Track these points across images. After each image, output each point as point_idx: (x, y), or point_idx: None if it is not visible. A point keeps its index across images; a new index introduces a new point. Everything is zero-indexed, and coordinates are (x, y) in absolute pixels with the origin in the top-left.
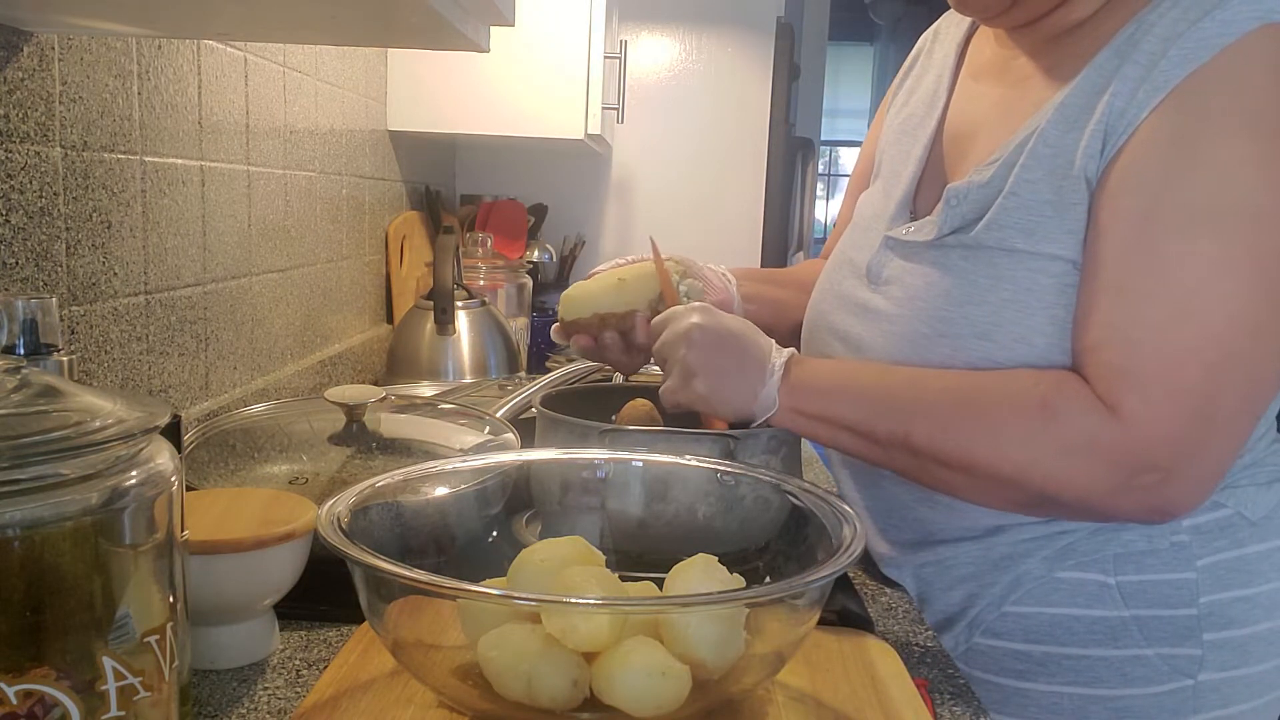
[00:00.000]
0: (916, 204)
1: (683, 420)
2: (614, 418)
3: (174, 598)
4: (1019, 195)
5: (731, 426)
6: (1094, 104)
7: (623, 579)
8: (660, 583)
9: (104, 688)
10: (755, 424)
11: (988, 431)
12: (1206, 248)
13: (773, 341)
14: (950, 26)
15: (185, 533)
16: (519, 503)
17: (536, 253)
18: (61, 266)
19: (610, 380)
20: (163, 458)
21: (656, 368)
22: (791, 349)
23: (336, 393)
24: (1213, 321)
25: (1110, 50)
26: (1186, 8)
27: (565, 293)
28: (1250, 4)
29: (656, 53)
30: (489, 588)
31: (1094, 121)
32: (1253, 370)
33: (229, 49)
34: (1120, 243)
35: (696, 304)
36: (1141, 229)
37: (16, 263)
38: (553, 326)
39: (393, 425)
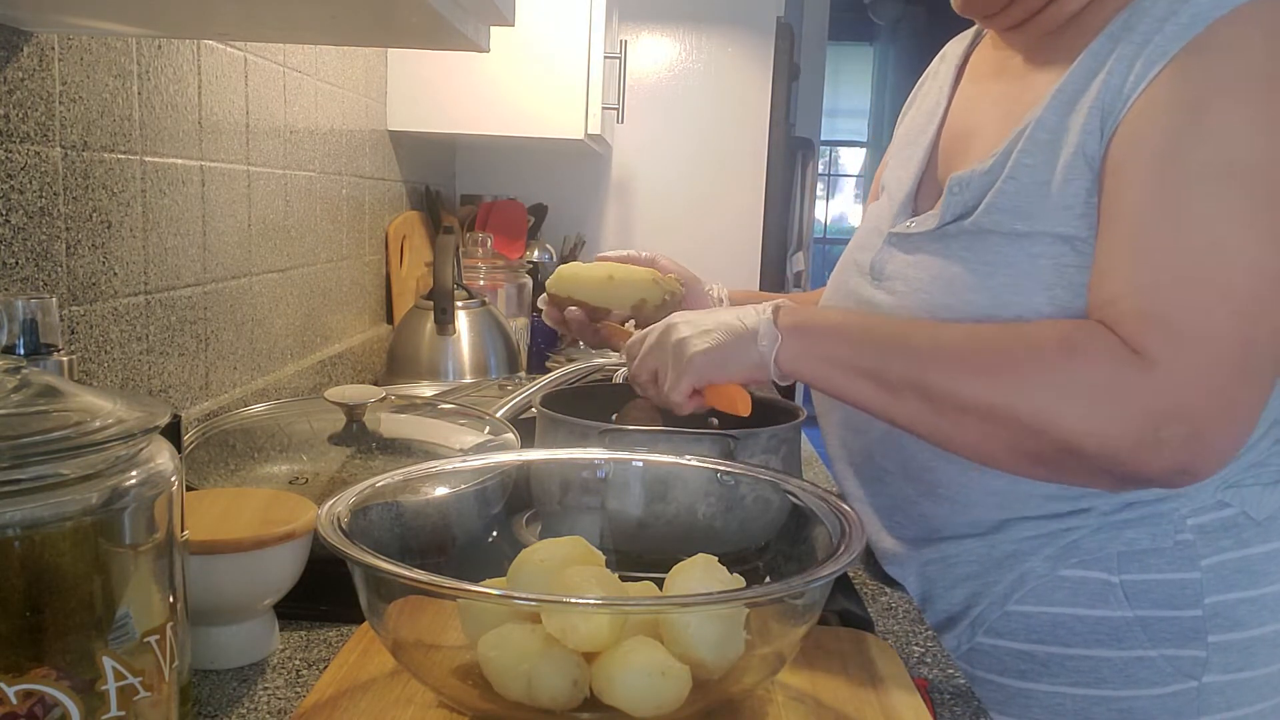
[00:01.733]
0: (918, 202)
1: (682, 420)
2: (614, 418)
3: (174, 598)
4: (1017, 179)
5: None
6: (1089, 84)
7: (623, 579)
8: (660, 583)
9: (104, 688)
10: (768, 366)
11: (1007, 370)
12: (1220, 202)
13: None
14: (953, 48)
15: (185, 533)
16: (519, 503)
17: (536, 253)
18: (61, 266)
19: (610, 380)
20: (163, 458)
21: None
22: (782, 298)
23: (336, 393)
24: (1236, 272)
25: (1105, 36)
26: None
27: (560, 268)
28: None
29: (656, 53)
30: (489, 588)
31: (1090, 100)
32: (1277, 322)
33: (229, 49)
34: (1134, 203)
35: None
36: (1154, 188)
37: (16, 263)
38: (542, 296)
39: (393, 425)
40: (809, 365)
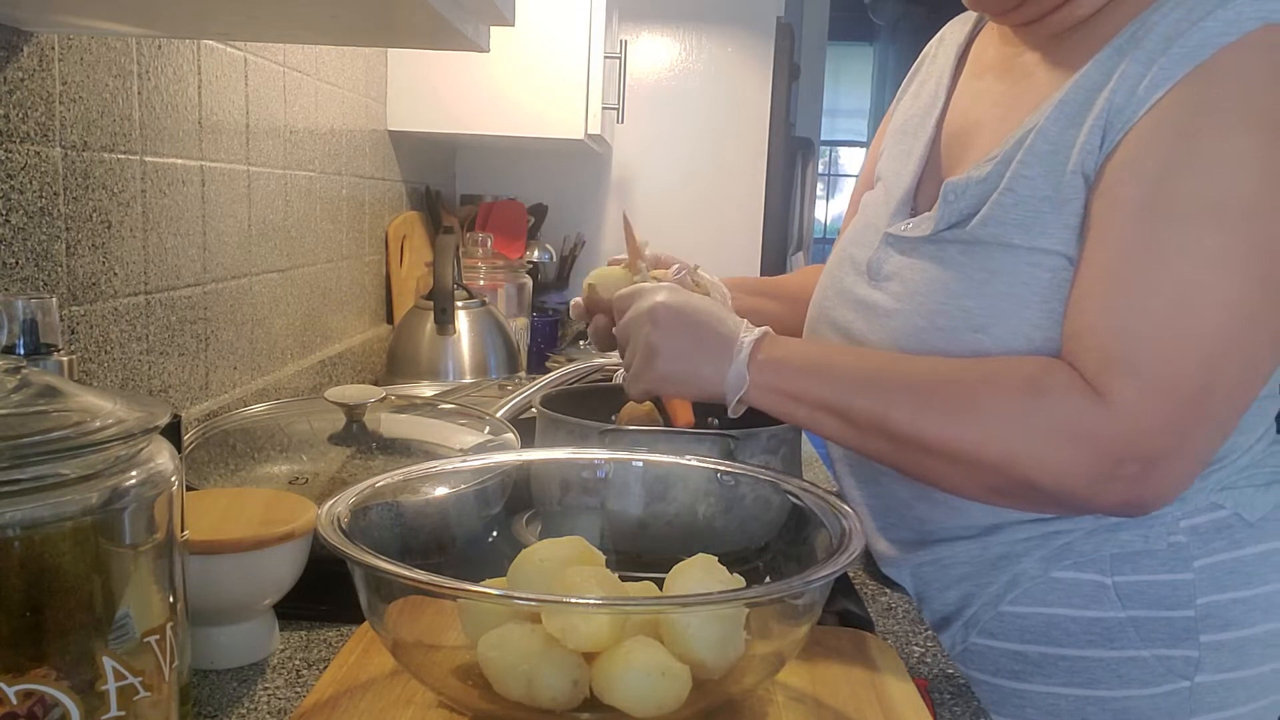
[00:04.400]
0: (917, 201)
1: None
2: (614, 418)
3: (174, 598)
4: (1016, 191)
5: (701, 406)
6: (1093, 100)
7: (623, 579)
8: (660, 583)
9: (104, 688)
10: (729, 404)
11: (970, 410)
12: (1204, 239)
13: (744, 321)
14: (953, 31)
15: (185, 533)
16: (519, 503)
17: (536, 253)
18: (61, 266)
19: (610, 380)
20: (163, 458)
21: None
22: (765, 327)
23: (336, 393)
24: (1208, 313)
25: (1112, 48)
26: (1190, 7)
27: (592, 272)
28: (1253, 4)
29: (656, 53)
30: (489, 588)
31: (1093, 117)
32: (1246, 364)
33: (229, 49)
34: (1117, 232)
35: (663, 283)
36: (1139, 219)
37: (16, 263)
38: (573, 301)
39: (393, 425)
40: (773, 400)
